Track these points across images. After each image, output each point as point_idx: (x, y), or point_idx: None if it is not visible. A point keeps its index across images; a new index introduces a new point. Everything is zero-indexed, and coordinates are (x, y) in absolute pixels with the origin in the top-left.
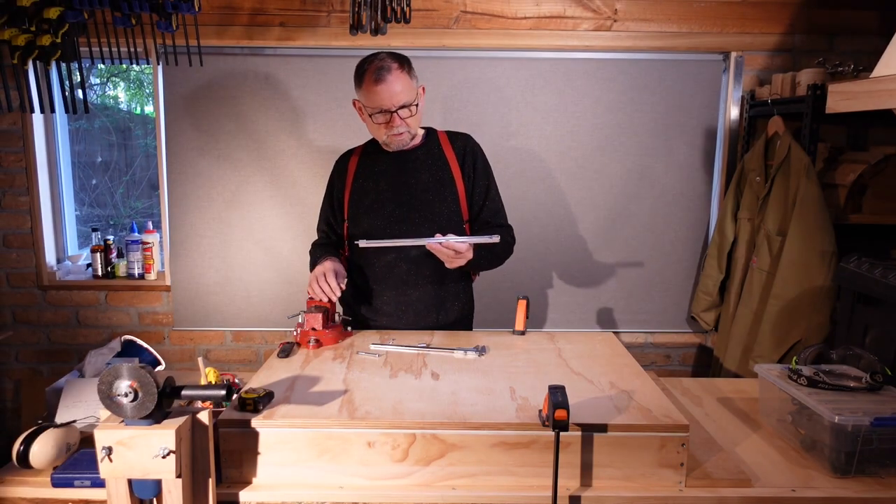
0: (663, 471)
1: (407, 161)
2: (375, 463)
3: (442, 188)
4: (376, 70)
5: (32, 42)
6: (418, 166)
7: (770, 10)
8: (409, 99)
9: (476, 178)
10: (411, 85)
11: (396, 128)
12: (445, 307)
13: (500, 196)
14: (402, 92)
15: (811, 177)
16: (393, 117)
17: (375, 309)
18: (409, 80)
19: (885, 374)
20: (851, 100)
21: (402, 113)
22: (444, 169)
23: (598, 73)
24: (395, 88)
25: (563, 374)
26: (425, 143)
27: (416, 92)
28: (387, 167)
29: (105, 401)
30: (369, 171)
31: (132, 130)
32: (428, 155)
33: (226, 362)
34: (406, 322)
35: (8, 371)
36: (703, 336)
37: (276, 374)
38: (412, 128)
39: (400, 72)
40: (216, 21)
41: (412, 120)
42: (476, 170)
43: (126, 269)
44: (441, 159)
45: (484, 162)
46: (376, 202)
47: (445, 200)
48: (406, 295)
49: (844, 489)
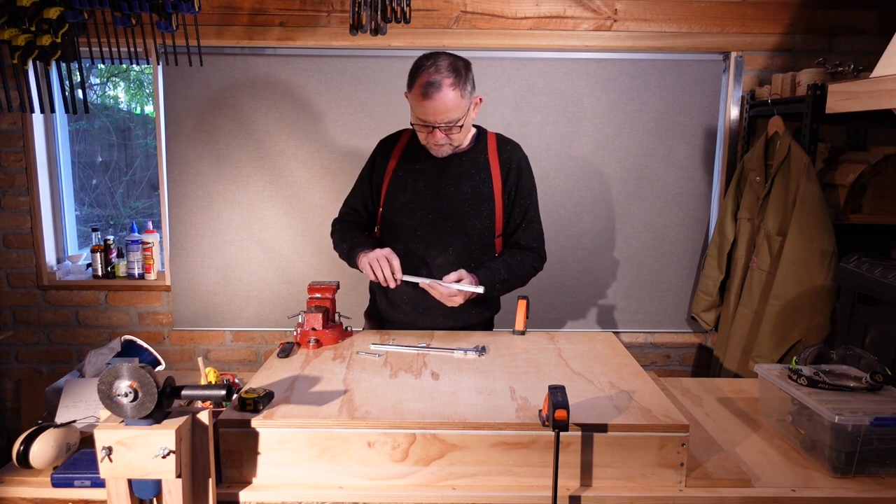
0: (663, 471)
1: (450, 167)
2: (375, 463)
3: (480, 202)
4: (427, 84)
5: (32, 42)
6: (461, 174)
7: (770, 10)
8: (455, 117)
9: (517, 197)
10: (461, 102)
11: (437, 140)
12: (464, 313)
13: (538, 216)
14: (449, 111)
15: (811, 177)
16: (435, 132)
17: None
18: (461, 96)
19: (885, 374)
20: (851, 100)
21: (445, 129)
22: (485, 182)
23: (598, 73)
24: (441, 108)
25: (563, 374)
26: (472, 149)
27: (466, 107)
28: (429, 168)
29: (105, 401)
30: (411, 167)
31: (132, 130)
32: (472, 164)
33: (226, 362)
34: (424, 323)
35: (8, 371)
36: (703, 336)
37: (276, 374)
38: (455, 141)
39: (452, 89)
40: (216, 21)
41: (457, 135)
42: (519, 188)
43: (126, 269)
44: (485, 171)
45: (528, 179)
46: (412, 202)
47: (481, 215)
48: (430, 297)
49: (844, 489)
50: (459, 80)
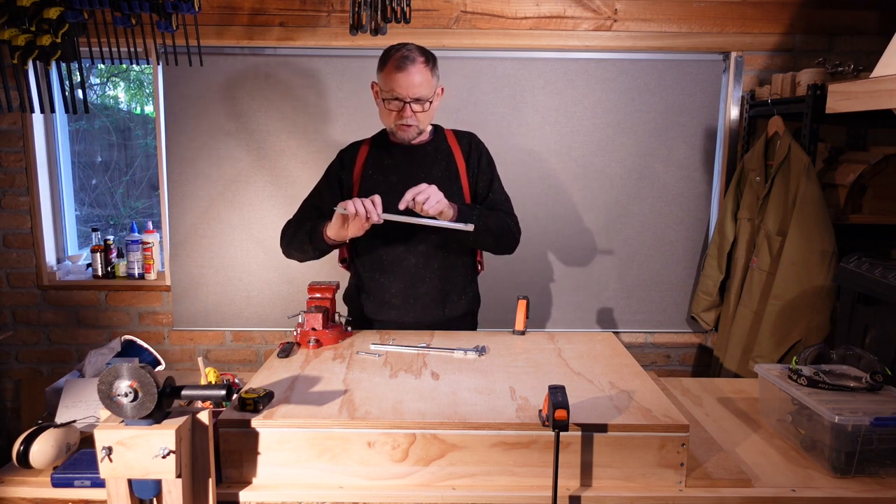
0: (663, 471)
1: (416, 155)
2: (375, 463)
3: (450, 182)
4: (401, 58)
5: (32, 42)
6: (428, 161)
7: (770, 10)
8: (425, 93)
9: (480, 173)
10: (431, 82)
11: (406, 119)
12: (451, 300)
13: (504, 190)
14: (420, 85)
15: (811, 177)
16: (405, 108)
17: (383, 302)
18: (431, 76)
19: (885, 374)
20: (851, 100)
21: (415, 106)
22: (451, 164)
23: (598, 73)
24: (414, 80)
25: (563, 374)
26: (433, 138)
27: (434, 90)
28: (397, 160)
29: (105, 401)
30: (379, 164)
31: (132, 130)
32: (436, 150)
33: (226, 362)
34: (413, 315)
35: (8, 371)
36: (703, 336)
37: (276, 374)
38: (422, 123)
39: (424, 66)
40: (216, 21)
41: (423, 115)
42: (481, 165)
43: (126, 269)
44: (449, 154)
45: (488, 158)
46: (386, 195)
47: (453, 196)
48: (414, 288)
49: (844, 489)
50: (429, 61)
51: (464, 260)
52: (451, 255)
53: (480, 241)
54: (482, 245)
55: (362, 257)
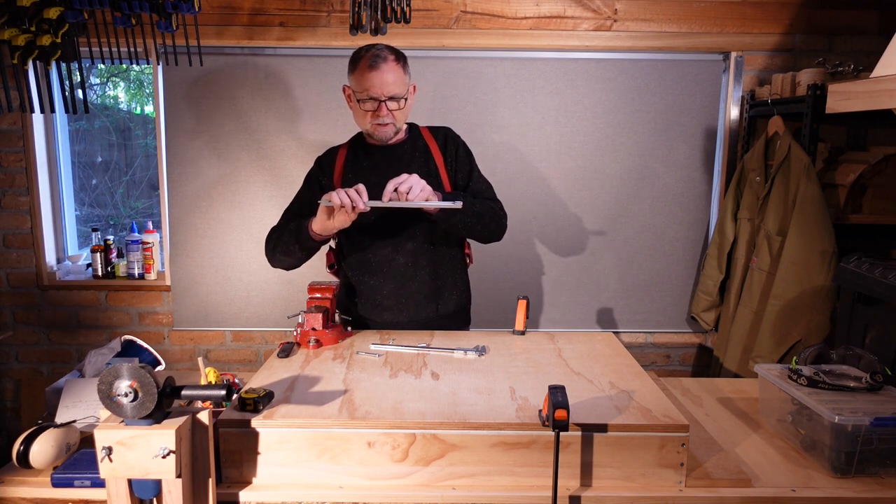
0: (663, 471)
1: (394, 155)
2: (375, 463)
3: (430, 178)
4: (372, 57)
5: (32, 42)
6: (406, 159)
7: (770, 10)
8: (399, 91)
9: (458, 165)
10: (404, 80)
11: (383, 118)
12: (444, 296)
13: (484, 177)
14: (393, 83)
15: (811, 177)
16: (381, 107)
17: (375, 304)
18: (403, 74)
19: (885, 374)
20: (851, 100)
21: (391, 105)
22: (429, 160)
23: (598, 73)
24: (387, 78)
25: (563, 374)
26: (409, 136)
27: (407, 87)
28: (376, 162)
29: (105, 401)
30: (358, 167)
31: (132, 130)
32: (414, 148)
33: (226, 362)
34: (406, 314)
35: (8, 371)
36: (703, 336)
37: (276, 374)
38: (398, 121)
39: (395, 64)
40: (216, 21)
41: (399, 114)
42: (458, 157)
43: (126, 269)
44: (426, 151)
45: (465, 149)
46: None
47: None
48: (405, 287)
49: (844, 489)
50: (399, 59)
51: (452, 253)
52: (440, 250)
53: (469, 225)
54: (471, 232)
55: (349, 260)
